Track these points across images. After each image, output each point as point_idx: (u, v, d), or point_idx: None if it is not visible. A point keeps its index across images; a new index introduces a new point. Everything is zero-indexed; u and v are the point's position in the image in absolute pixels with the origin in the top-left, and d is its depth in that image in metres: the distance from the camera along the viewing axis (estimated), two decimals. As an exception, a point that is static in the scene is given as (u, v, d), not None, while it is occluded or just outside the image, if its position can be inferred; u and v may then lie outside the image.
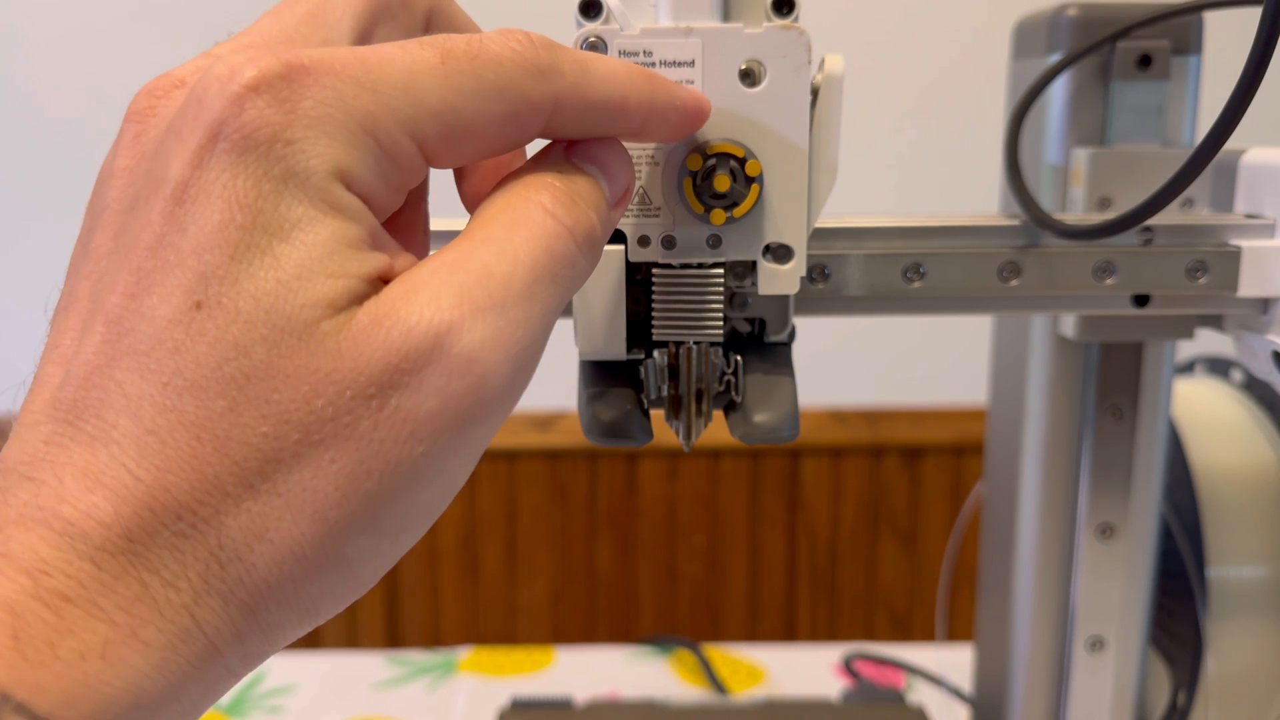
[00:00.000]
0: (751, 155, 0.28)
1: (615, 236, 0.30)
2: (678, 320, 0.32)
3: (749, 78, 0.28)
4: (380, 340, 0.20)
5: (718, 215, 0.29)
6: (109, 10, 1.23)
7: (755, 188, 0.29)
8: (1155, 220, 0.38)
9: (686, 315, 0.32)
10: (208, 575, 0.19)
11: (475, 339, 0.20)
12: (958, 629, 0.91)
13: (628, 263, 0.32)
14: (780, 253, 0.30)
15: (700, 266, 0.31)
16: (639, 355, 0.33)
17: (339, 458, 0.20)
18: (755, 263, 0.31)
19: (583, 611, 1.38)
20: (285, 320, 0.20)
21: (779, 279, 0.30)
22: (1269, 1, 0.28)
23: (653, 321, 0.32)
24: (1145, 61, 0.43)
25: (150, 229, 0.20)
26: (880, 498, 1.35)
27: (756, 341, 0.36)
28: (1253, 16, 0.30)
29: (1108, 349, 0.47)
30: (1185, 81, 0.44)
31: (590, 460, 1.33)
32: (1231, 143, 0.32)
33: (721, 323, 0.32)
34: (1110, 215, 0.36)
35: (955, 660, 0.75)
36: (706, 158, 0.28)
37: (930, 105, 1.25)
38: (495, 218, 0.22)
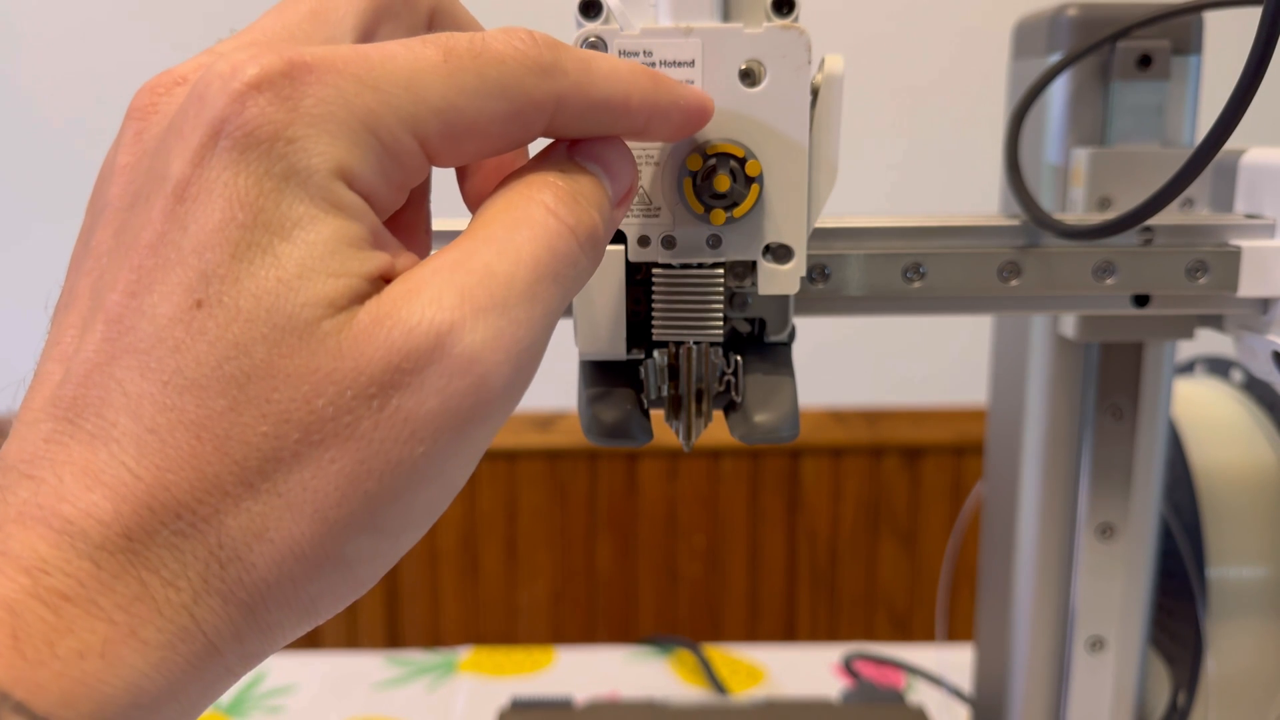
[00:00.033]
0: (751, 155, 0.28)
1: (615, 236, 0.30)
2: (678, 320, 0.32)
3: (749, 78, 0.28)
4: (382, 340, 0.20)
5: (718, 215, 0.29)
6: (109, 10, 1.23)
7: (755, 188, 0.29)
8: (1155, 220, 0.38)
9: (687, 315, 0.32)
10: (207, 574, 0.19)
11: (477, 339, 0.20)
12: (958, 629, 0.91)
13: (628, 263, 0.32)
14: (780, 253, 0.30)
15: (700, 266, 0.31)
16: (639, 355, 0.33)
17: (339, 457, 0.20)
18: (755, 263, 0.31)
19: (583, 611, 1.38)
20: (286, 319, 0.20)
21: (779, 279, 0.30)
22: (1269, 1, 0.28)
23: (653, 321, 0.32)
24: (1145, 61, 0.43)
25: (151, 227, 0.20)
26: (880, 498, 1.35)
27: (756, 341, 0.36)
28: (1253, 16, 0.30)
29: (1108, 349, 0.47)
30: (1185, 81, 0.44)
31: (590, 460, 1.33)
32: (1231, 143, 0.32)
33: (721, 323, 0.32)
34: (1110, 215, 0.36)
35: (955, 660, 0.75)
36: (706, 158, 0.28)
37: (929, 106, 1.25)
38: (497, 217, 0.22)
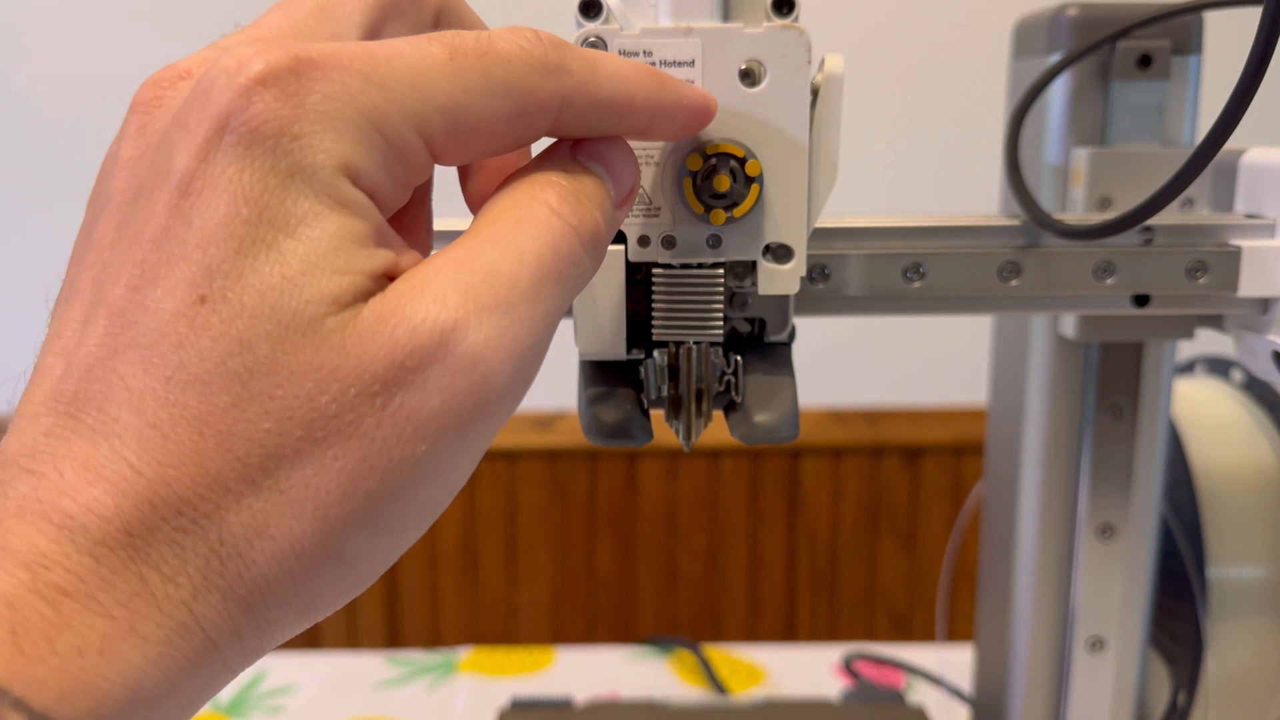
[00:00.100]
0: (751, 155, 0.28)
1: (616, 237, 0.30)
2: (678, 320, 0.32)
3: (749, 77, 0.28)
4: (385, 338, 0.20)
5: (718, 215, 0.29)
6: (109, 10, 1.23)
7: (755, 188, 0.29)
8: (1155, 220, 0.38)
9: (687, 315, 0.32)
10: (207, 571, 0.19)
11: (480, 338, 0.20)
12: (958, 629, 0.91)
13: (628, 263, 0.32)
14: (780, 253, 0.30)
15: (700, 266, 0.31)
16: (639, 355, 0.33)
17: (342, 455, 0.20)
18: (755, 263, 0.31)
19: (583, 611, 1.38)
20: (290, 316, 0.20)
21: (779, 279, 0.30)
22: (1269, 1, 0.28)
23: (653, 321, 0.32)
24: (1145, 61, 0.44)
25: (155, 221, 0.20)
26: (880, 498, 1.35)
27: (756, 341, 0.36)
28: (1253, 16, 0.30)
29: (1108, 349, 0.47)
30: (1185, 81, 0.44)
31: (590, 460, 1.33)
32: (1231, 143, 0.32)
33: (722, 323, 0.32)
34: (1110, 215, 0.36)
35: (955, 660, 0.75)
36: (707, 158, 0.28)
37: (928, 105, 1.25)
38: (501, 216, 0.22)
